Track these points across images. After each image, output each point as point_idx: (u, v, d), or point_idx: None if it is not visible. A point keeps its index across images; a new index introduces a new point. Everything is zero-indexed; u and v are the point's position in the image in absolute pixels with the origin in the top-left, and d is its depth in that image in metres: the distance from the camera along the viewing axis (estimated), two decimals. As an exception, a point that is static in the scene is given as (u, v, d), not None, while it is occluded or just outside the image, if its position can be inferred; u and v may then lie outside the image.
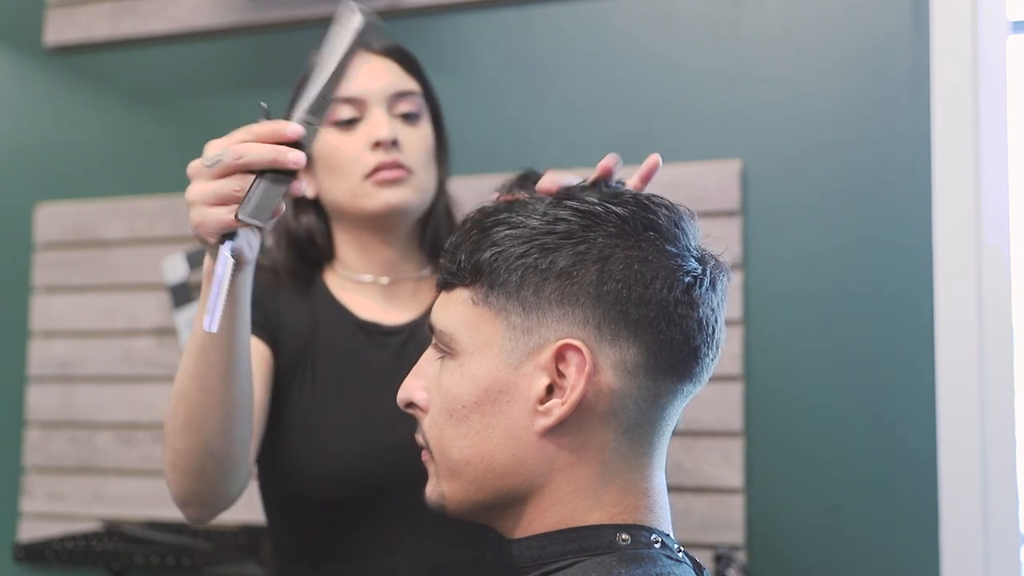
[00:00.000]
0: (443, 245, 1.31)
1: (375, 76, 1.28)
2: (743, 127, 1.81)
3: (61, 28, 2.23)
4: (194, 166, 0.94)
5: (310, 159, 1.29)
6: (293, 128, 0.91)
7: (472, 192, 1.34)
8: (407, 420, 1.19)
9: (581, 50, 1.93)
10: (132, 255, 2.13)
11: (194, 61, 2.16)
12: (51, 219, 2.20)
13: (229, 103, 2.12)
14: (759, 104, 1.81)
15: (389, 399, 1.20)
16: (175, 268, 2.05)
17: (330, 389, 1.22)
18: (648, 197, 0.79)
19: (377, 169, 1.24)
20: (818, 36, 1.79)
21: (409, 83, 1.30)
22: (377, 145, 1.24)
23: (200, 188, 0.93)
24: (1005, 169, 1.68)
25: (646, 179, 0.86)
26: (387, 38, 1.27)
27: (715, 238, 0.81)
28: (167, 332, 2.08)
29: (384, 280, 1.30)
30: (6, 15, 2.30)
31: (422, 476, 1.17)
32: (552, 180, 0.83)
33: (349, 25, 0.92)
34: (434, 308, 0.82)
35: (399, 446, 1.15)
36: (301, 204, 1.32)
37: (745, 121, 1.81)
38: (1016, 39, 1.78)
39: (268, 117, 0.93)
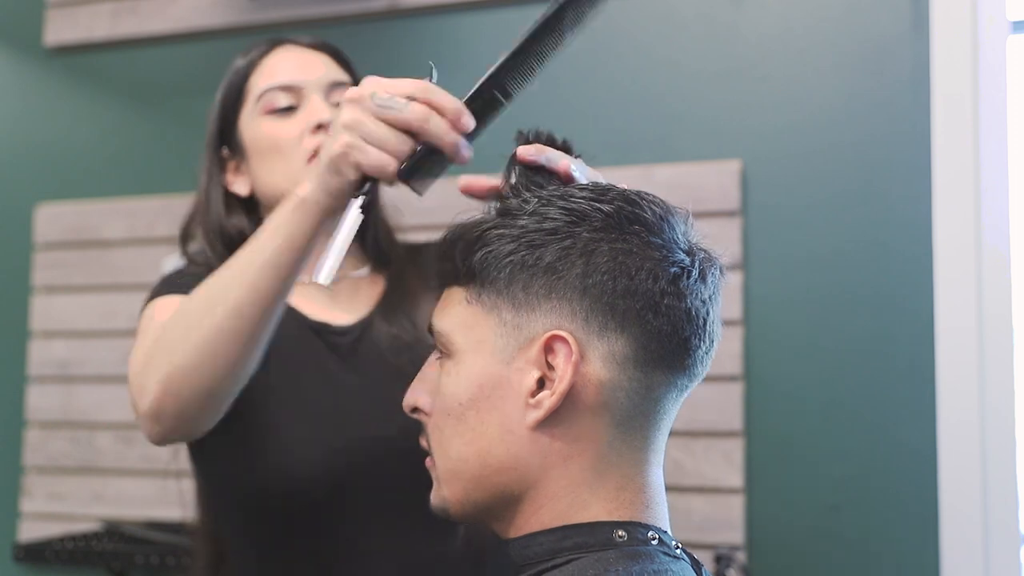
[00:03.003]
0: (382, 242, 1.31)
1: (311, 67, 1.27)
2: (743, 127, 1.81)
3: (61, 28, 2.23)
4: (359, 95, 0.91)
5: (245, 154, 1.26)
6: (468, 121, 0.91)
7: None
8: (367, 419, 1.17)
9: (581, 50, 1.92)
10: (132, 255, 2.13)
11: (194, 61, 2.16)
12: (51, 219, 2.20)
13: (229, 103, 2.12)
14: (759, 104, 1.81)
15: (346, 399, 1.20)
16: (175, 268, 2.05)
17: (287, 390, 1.19)
18: (636, 193, 0.79)
19: (317, 152, 1.18)
20: (818, 36, 1.79)
21: (344, 76, 1.28)
22: (318, 128, 1.21)
23: (367, 124, 0.89)
24: (1005, 169, 1.68)
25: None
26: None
27: (714, 238, 0.82)
28: (167, 332, 2.08)
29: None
30: (6, 15, 2.31)
31: (384, 473, 1.15)
32: (535, 151, 0.83)
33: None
34: (433, 311, 0.82)
35: (359, 445, 1.16)
36: (231, 203, 1.28)
37: (745, 121, 1.81)
38: (1016, 39, 1.78)
39: (431, 76, 0.93)
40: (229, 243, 1.25)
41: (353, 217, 0.89)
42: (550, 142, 0.86)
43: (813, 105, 1.78)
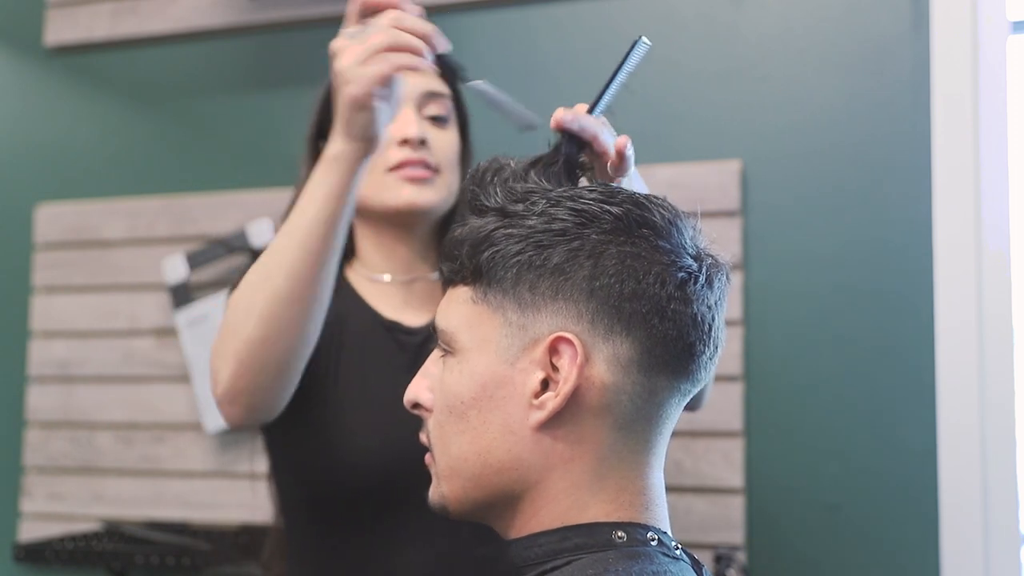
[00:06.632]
0: None
1: (408, 75, 1.28)
2: (743, 127, 1.81)
3: (61, 28, 2.23)
4: (335, 50, 1.01)
5: None
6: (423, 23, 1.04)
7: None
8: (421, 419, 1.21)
9: (581, 50, 1.93)
10: (132, 255, 2.13)
11: (194, 61, 2.16)
12: (51, 219, 2.20)
13: (229, 103, 2.12)
14: (759, 104, 1.81)
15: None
16: (175, 268, 2.04)
17: (355, 384, 1.23)
18: (645, 196, 0.79)
19: (402, 164, 1.24)
20: (818, 36, 1.79)
21: (440, 86, 1.31)
22: (404, 142, 1.25)
23: (356, 55, 1.00)
24: (1005, 169, 1.68)
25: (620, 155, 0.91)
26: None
27: (715, 240, 0.82)
28: (167, 332, 2.08)
29: (402, 279, 1.31)
30: (6, 15, 2.30)
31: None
32: (571, 117, 0.89)
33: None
34: (438, 308, 0.83)
35: (412, 441, 1.18)
36: None
37: (745, 121, 1.81)
38: (1016, 39, 1.78)
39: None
40: None
41: (489, 89, 1.01)
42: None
43: (813, 105, 1.78)
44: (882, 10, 1.76)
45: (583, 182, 0.89)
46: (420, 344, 1.27)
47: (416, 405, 0.84)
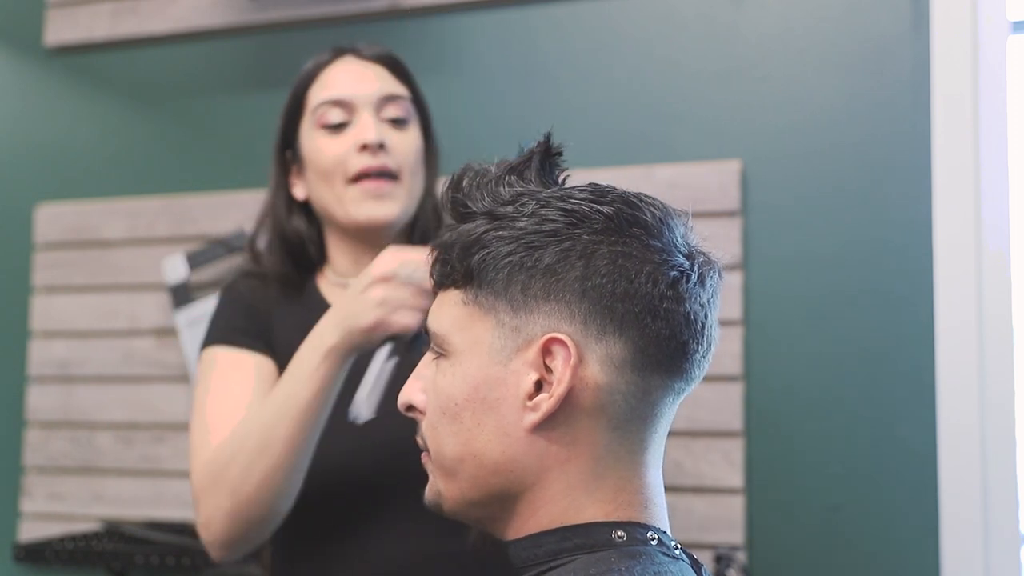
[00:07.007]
0: (428, 242, 1.34)
1: (364, 80, 1.30)
2: (743, 127, 1.81)
3: (61, 28, 2.23)
4: (387, 273, 1.09)
5: (303, 162, 1.31)
6: None
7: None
8: (395, 418, 1.23)
9: (581, 50, 1.93)
10: (132, 255, 2.13)
11: (194, 61, 2.16)
12: (51, 219, 2.20)
13: (229, 103, 2.12)
14: (759, 104, 1.81)
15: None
16: (175, 268, 2.04)
17: None
18: (636, 195, 0.79)
19: (362, 174, 1.26)
20: (818, 36, 1.79)
21: (398, 88, 1.32)
22: (364, 148, 1.26)
23: (397, 293, 1.09)
24: (1005, 169, 1.68)
25: None
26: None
27: (714, 238, 0.82)
28: (167, 332, 2.08)
29: None
30: (6, 15, 2.30)
31: (410, 471, 1.20)
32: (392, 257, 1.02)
33: None
34: (430, 310, 0.83)
35: (387, 443, 1.20)
36: (293, 206, 1.34)
37: (745, 121, 1.81)
38: (1016, 39, 1.78)
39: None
40: (291, 249, 1.33)
41: (382, 364, 1.08)
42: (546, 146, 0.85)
43: (813, 105, 1.78)
44: (882, 10, 1.76)
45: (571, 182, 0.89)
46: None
47: (410, 407, 0.84)
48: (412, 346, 1.12)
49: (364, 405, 1.08)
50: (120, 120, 2.21)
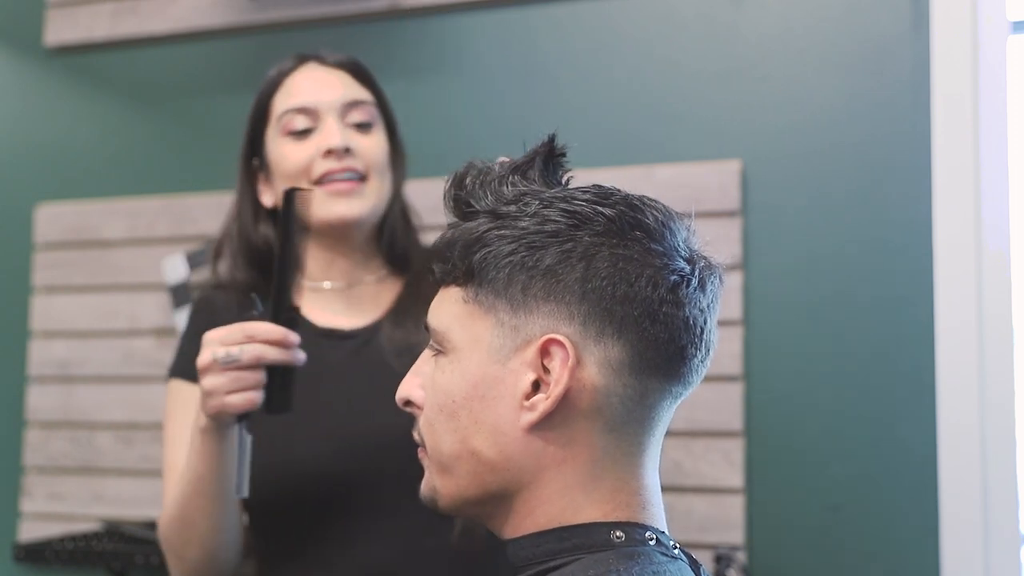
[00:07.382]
0: (399, 248, 1.35)
1: (328, 87, 1.31)
2: (743, 127, 1.81)
3: (61, 28, 2.23)
4: (206, 361, 1.09)
5: (269, 169, 1.31)
6: (293, 337, 1.10)
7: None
8: (365, 418, 1.23)
9: (581, 50, 1.93)
10: (132, 255, 2.13)
11: (194, 61, 2.16)
12: (51, 219, 2.20)
13: (229, 103, 2.12)
14: (759, 104, 1.81)
15: (345, 398, 1.26)
16: (175, 268, 2.05)
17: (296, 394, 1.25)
18: (638, 198, 0.79)
19: (326, 175, 1.26)
20: (818, 36, 1.79)
21: (362, 93, 1.33)
22: (329, 153, 1.27)
23: (223, 382, 1.09)
24: (1005, 169, 1.68)
25: None
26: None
27: (714, 238, 0.82)
28: (167, 332, 2.08)
29: (341, 286, 1.33)
30: (6, 15, 2.30)
31: (386, 471, 1.20)
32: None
33: (288, 209, 1.10)
34: (430, 307, 0.83)
35: (356, 443, 1.22)
36: (260, 213, 1.34)
37: (745, 121, 1.81)
38: (1016, 39, 1.78)
39: (256, 308, 1.12)
40: (257, 258, 1.33)
41: (241, 441, 1.12)
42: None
43: (813, 105, 1.78)
44: (882, 10, 1.76)
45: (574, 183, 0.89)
46: (358, 346, 1.29)
47: (408, 403, 0.84)
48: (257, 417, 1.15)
49: (241, 485, 1.12)
50: (120, 120, 2.21)
